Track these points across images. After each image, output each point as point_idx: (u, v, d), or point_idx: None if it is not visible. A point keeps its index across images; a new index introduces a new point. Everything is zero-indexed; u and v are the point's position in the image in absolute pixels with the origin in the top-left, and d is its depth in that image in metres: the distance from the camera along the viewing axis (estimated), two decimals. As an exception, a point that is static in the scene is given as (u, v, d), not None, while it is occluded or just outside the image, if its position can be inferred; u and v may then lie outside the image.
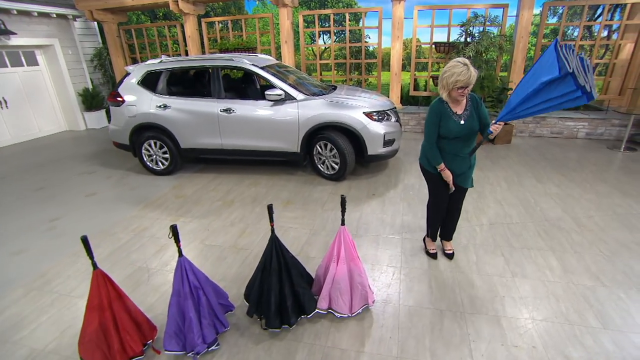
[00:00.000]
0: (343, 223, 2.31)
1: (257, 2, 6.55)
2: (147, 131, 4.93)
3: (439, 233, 3.02)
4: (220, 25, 7.90)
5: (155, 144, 4.98)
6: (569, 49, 1.98)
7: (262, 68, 4.56)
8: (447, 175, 2.54)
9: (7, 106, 7.22)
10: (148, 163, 5.13)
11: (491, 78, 5.53)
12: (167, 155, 5.02)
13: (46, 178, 5.28)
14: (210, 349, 2.17)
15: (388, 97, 6.96)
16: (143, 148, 5.04)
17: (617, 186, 4.27)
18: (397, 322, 2.33)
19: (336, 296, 2.33)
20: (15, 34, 6.67)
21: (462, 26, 5.97)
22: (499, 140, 5.90)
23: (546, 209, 3.76)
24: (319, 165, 4.67)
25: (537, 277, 2.70)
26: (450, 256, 2.96)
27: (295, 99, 4.39)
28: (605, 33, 7.43)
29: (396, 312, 2.40)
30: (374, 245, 3.18)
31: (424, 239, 3.12)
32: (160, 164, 5.11)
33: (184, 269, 2.10)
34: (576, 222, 3.47)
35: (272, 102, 4.43)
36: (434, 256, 2.96)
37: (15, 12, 6.67)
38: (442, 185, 2.64)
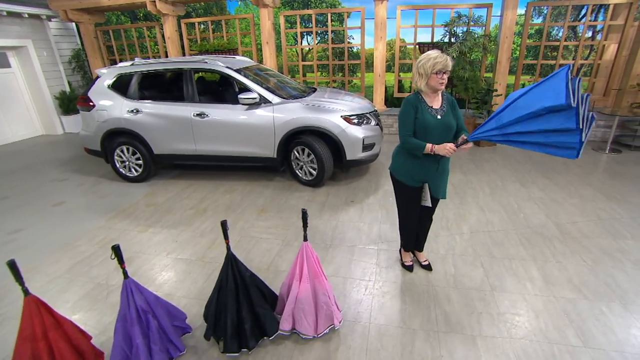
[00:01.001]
0: (305, 239, 2.14)
1: (239, 3, 6.41)
2: (119, 137, 4.72)
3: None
4: (202, 26, 7.70)
5: (127, 150, 4.77)
6: (578, 82, 1.77)
7: (237, 71, 4.38)
8: (441, 149, 2.16)
9: (-23, 110, 6.94)
10: (121, 170, 4.92)
11: (475, 79, 5.41)
12: (140, 162, 4.81)
13: (13, 186, 5.04)
14: (162, 377, 2.00)
15: (372, 98, 6.83)
16: (115, 154, 4.83)
17: (602, 189, 4.17)
18: (365, 343, 2.17)
19: (300, 317, 2.16)
20: (-16, 35, 6.40)
21: (445, 26, 5.85)
22: (484, 143, 5.79)
23: (529, 214, 3.64)
24: (297, 171, 4.50)
25: (517, 290, 2.57)
26: (427, 268, 2.81)
27: (270, 102, 4.22)
28: (590, 34, 7.39)
29: (365, 332, 2.25)
30: (348, 257, 3.02)
31: (400, 250, 2.97)
32: (133, 170, 4.90)
33: (130, 292, 1.92)
34: (559, 229, 3.35)
35: (246, 106, 4.26)
36: (409, 269, 2.81)
37: (-17, 12, 6.41)
38: (413, 196, 2.48)
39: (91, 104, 4.70)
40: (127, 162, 4.86)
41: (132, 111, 4.55)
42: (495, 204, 3.87)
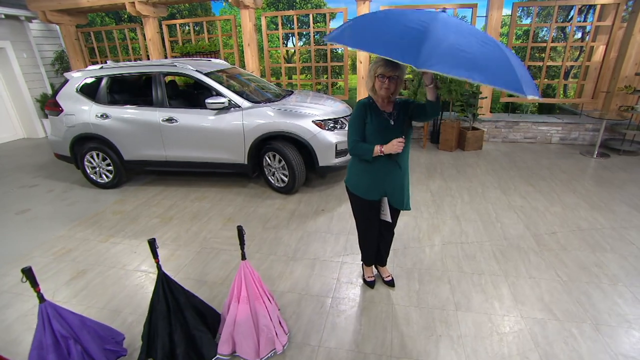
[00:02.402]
0: (244, 257, 1.98)
1: (224, 4, 6.24)
2: (88, 142, 4.56)
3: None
4: (186, 28, 7.56)
5: (97, 155, 4.61)
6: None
7: (207, 74, 4.23)
8: (390, 147, 2.00)
9: (-45, 114, 6.80)
10: (91, 176, 4.76)
11: (459, 81, 5.24)
12: (110, 168, 4.66)
13: (-19, 192, 4.89)
14: (86, 407, 1.83)
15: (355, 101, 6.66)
16: (85, 160, 4.67)
17: (585, 197, 3.99)
18: (311, 370, 2.00)
19: (239, 340, 2.00)
20: (-42, 37, 6.26)
21: (429, 27, 5.68)
22: (469, 147, 5.62)
23: (507, 224, 3.47)
24: (269, 178, 4.34)
25: (483, 309, 2.39)
26: (389, 284, 2.64)
27: (240, 107, 4.06)
28: (580, 35, 7.21)
29: (313, 356, 2.08)
30: (308, 272, 2.86)
31: (362, 265, 2.80)
32: (104, 176, 4.74)
33: (46, 317, 1.76)
34: (537, 241, 3.18)
35: (215, 111, 4.10)
36: (371, 285, 2.64)
37: (-43, 13, 6.27)
38: (370, 210, 2.31)
39: (59, 108, 4.55)
40: (97, 168, 4.70)
41: (100, 116, 4.40)
42: (473, 213, 3.70)
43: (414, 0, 5.96)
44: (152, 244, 1.85)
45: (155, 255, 1.88)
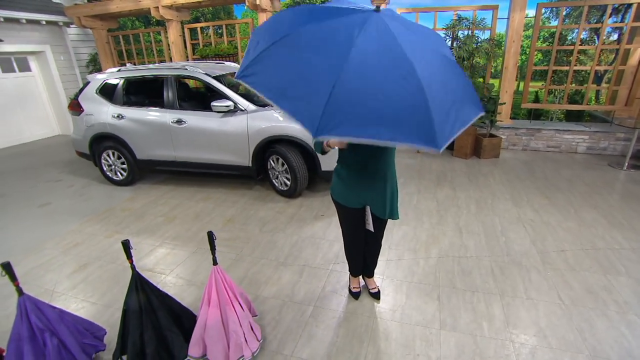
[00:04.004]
0: (215, 262, 1.99)
1: (245, 7, 6.37)
2: (105, 141, 4.80)
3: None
4: (207, 31, 7.79)
5: (113, 154, 4.84)
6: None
7: (216, 77, 4.32)
8: (333, 142, 1.87)
9: (-3, 111, 7.39)
10: (108, 173, 5.01)
11: (475, 86, 5.01)
12: (125, 166, 4.87)
13: (11, 185, 5.27)
14: (61, 398, 1.91)
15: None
16: (102, 158, 4.92)
17: (607, 213, 3.68)
18: (278, 380, 1.97)
19: (209, 343, 2.00)
20: (2, 40, 6.80)
21: (446, 30, 5.49)
22: (485, 155, 5.36)
23: (512, 239, 3.26)
24: (273, 181, 4.36)
25: (469, 330, 2.26)
26: (375, 296, 2.56)
27: (245, 110, 4.11)
28: (616, 36, 6.65)
29: (283, 367, 2.05)
30: (295, 278, 2.83)
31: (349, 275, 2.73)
32: (119, 174, 4.97)
33: (24, 310, 1.85)
34: (542, 258, 2.96)
35: (221, 114, 4.17)
36: (355, 296, 2.57)
37: (2, 19, 6.81)
38: (354, 219, 2.25)
39: (81, 108, 4.82)
40: (113, 166, 4.93)
41: (116, 116, 4.61)
42: (477, 225, 3.52)
43: (432, 2, 5.77)
44: (126, 245, 1.90)
45: (129, 256, 1.92)
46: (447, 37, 5.53)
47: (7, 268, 1.78)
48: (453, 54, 1.61)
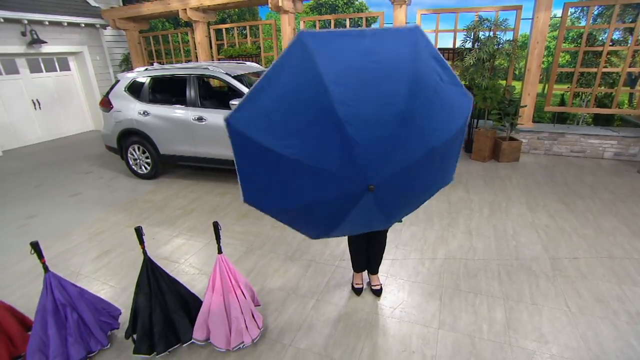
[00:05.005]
0: (220, 251, 2.10)
1: (270, 9, 6.56)
2: (131, 136, 5.08)
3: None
4: (234, 31, 8.04)
5: (138, 148, 5.12)
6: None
7: (236, 77, 4.48)
8: None
9: (40, 107, 7.96)
10: (133, 167, 5.30)
11: (495, 88, 4.90)
12: (149, 161, 5.14)
13: (49, 176, 5.68)
14: (77, 368, 2.09)
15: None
16: (129, 152, 5.22)
17: (629, 221, 3.52)
18: (276, 367, 2.06)
19: (213, 328, 2.13)
20: (46, 42, 7.33)
21: (466, 31, 5.40)
22: (504, 158, 5.23)
23: (523, 244, 3.20)
24: (286, 178, 4.46)
25: (468, 331, 2.26)
26: (376, 293, 2.60)
27: (261, 108, 4.24)
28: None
29: (281, 354, 2.14)
30: (301, 272, 2.91)
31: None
32: (143, 168, 5.25)
33: (49, 285, 2.04)
34: (553, 265, 2.90)
35: (239, 111, 4.32)
36: (357, 292, 2.63)
37: (47, 22, 7.35)
38: None
39: (111, 105, 5.13)
40: (138, 160, 5.22)
41: (142, 113, 4.88)
42: (488, 229, 3.47)
43: (455, 3, 5.69)
44: (139, 231, 2.05)
45: (141, 241, 2.08)
46: (468, 39, 5.44)
47: (36, 247, 1.97)
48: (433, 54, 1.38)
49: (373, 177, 1.27)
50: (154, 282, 2.11)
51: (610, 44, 5.14)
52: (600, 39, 6.80)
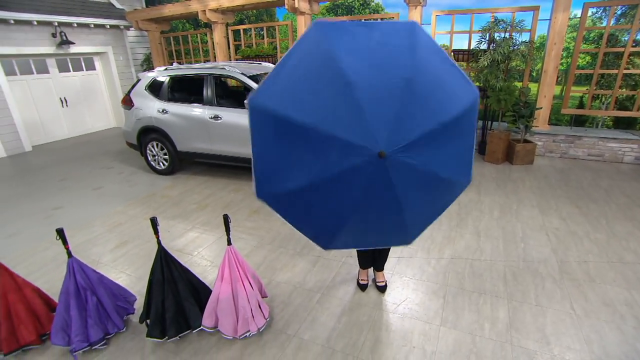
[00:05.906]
0: (229, 243, 2.21)
1: (287, 10, 6.70)
2: (150, 133, 5.29)
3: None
4: (252, 31, 8.20)
5: (157, 145, 5.33)
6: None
7: (251, 77, 4.61)
8: None
9: (67, 105, 8.35)
10: (152, 163, 5.51)
11: (510, 90, 4.85)
12: (166, 157, 5.34)
13: (72, 170, 5.97)
14: (96, 347, 2.23)
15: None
16: (148, 149, 5.43)
17: (645, 227, 3.45)
18: (280, 354, 2.15)
19: (221, 316, 2.23)
20: (74, 43, 7.68)
21: (482, 32, 5.36)
22: (518, 161, 5.17)
23: (532, 246, 3.19)
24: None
25: (469, 329, 2.29)
26: (381, 289, 2.66)
27: (274, 107, 4.35)
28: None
29: (285, 344, 2.22)
30: (308, 267, 3.00)
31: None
32: (161, 164, 5.45)
33: (72, 269, 2.19)
34: (561, 267, 2.88)
35: (253, 110, 4.44)
36: (362, 287, 2.69)
37: (75, 25, 7.70)
38: None
39: (132, 103, 5.35)
40: (156, 157, 5.42)
41: (161, 111, 5.07)
42: (497, 230, 3.46)
43: (472, 4, 5.66)
44: (154, 221, 2.18)
45: (156, 231, 2.20)
46: (483, 40, 5.40)
47: (61, 233, 2.12)
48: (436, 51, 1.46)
49: (383, 143, 1.27)
50: (167, 270, 2.23)
51: (633, 44, 5.00)
52: (624, 39, 6.58)
